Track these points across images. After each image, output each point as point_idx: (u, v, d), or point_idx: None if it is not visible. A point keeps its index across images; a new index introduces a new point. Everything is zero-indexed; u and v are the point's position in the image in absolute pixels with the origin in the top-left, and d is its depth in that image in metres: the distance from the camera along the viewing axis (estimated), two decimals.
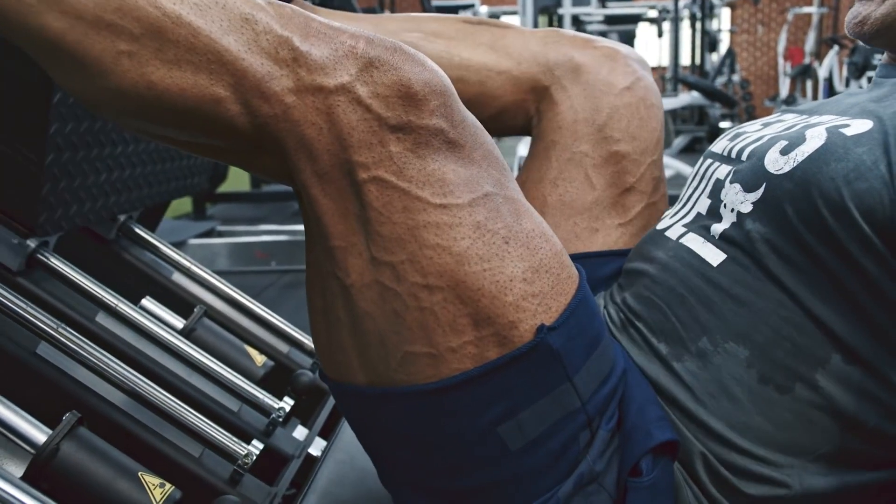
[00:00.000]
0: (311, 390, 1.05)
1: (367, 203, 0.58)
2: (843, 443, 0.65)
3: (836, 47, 7.98)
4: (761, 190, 0.68)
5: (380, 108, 0.57)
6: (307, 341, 1.21)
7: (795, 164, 0.66)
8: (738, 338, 0.67)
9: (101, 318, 0.96)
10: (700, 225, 0.76)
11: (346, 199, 0.58)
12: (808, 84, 11.06)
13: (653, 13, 7.20)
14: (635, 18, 6.23)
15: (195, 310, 1.06)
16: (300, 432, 1.01)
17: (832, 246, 0.63)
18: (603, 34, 5.91)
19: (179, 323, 1.05)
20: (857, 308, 0.64)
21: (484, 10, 8.06)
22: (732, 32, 11.60)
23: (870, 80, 4.27)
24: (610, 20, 5.98)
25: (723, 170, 0.78)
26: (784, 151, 0.69)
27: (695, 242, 0.75)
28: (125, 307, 0.98)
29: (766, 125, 0.83)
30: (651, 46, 9.94)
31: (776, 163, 0.69)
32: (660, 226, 0.84)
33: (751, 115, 9.18)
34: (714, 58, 8.70)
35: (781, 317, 0.66)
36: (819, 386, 0.65)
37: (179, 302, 1.14)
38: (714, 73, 8.36)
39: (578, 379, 0.63)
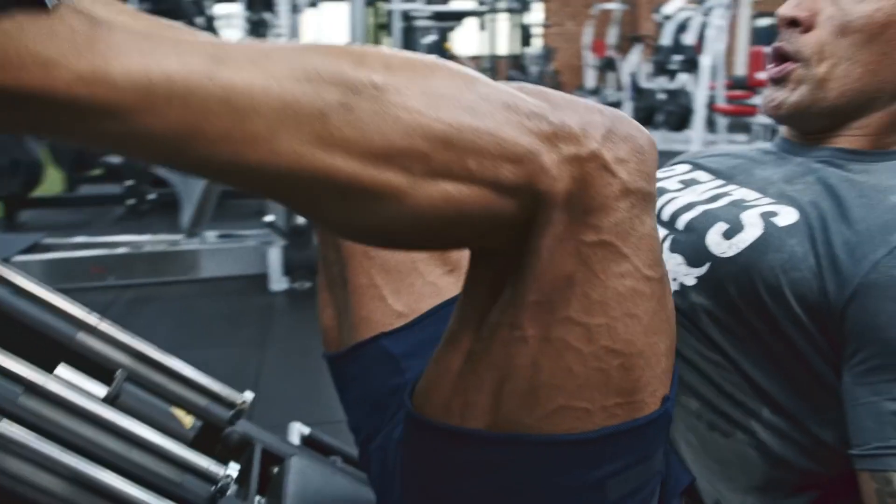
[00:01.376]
0: (243, 447, 1.04)
1: (587, 264, 0.58)
2: (773, 476, 0.77)
3: (639, 45, 8.61)
4: (706, 268, 0.79)
5: (622, 172, 0.58)
6: (219, 389, 1.18)
7: (739, 251, 0.77)
8: (690, 393, 0.78)
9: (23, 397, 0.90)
10: None
11: (567, 260, 0.59)
12: (611, 76, 11.87)
13: (473, 6, 7.42)
14: (462, 15, 6.39)
15: (117, 374, 1.01)
16: (245, 496, 1.00)
17: (768, 322, 0.75)
18: (428, 30, 6.03)
19: (101, 389, 1.00)
20: (786, 372, 0.76)
21: None
22: (546, 27, 12.17)
23: (671, 74, 4.67)
24: (439, 16, 6.10)
25: None
26: (727, 235, 0.79)
27: None
28: (41, 378, 0.92)
29: (684, 184, 0.94)
30: (471, 39, 10.25)
31: (720, 246, 0.79)
32: None
33: None
34: (530, 51, 9.11)
35: (722, 376, 0.78)
36: (754, 432, 0.77)
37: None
38: (532, 64, 8.78)
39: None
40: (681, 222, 0.86)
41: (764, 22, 13.67)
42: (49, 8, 0.47)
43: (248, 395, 1.16)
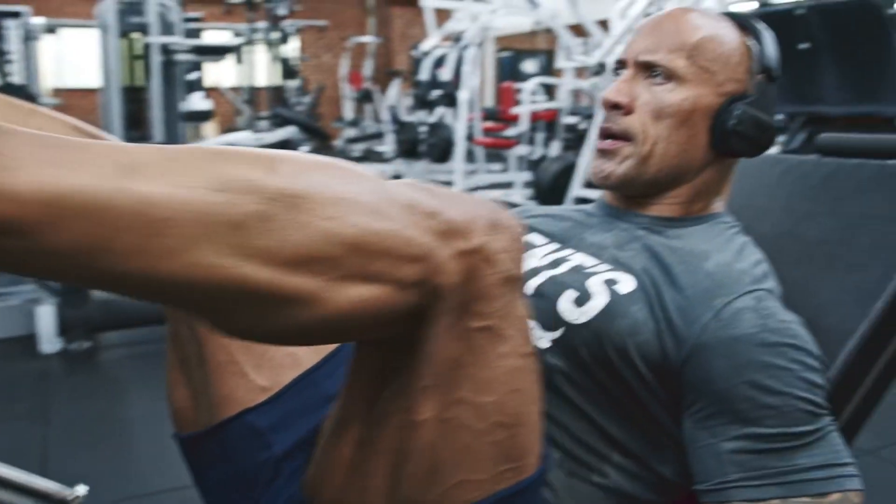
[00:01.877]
0: None
1: (473, 349, 0.62)
2: None
3: (399, 79, 8.90)
4: (560, 332, 0.87)
5: (504, 262, 0.61)
6: (45, 486, 1.06)
7: (590, 318, 0.86)
8: (551, 445, 0.84)
9: None
10: None
11: (453, 346, 0.62)
12: (369, 108, 12.16)
13: (231, 39, 7.26)
14: (224, 49, 6.22)
15: None
16: None
17: (616, 378, 0.84)
18: (188, 64, 5.80)
19: None
20: (631, 420, 0.85)
21: (42, 20, 7.29)
22: (304, 61, 12.19)
23: (430, 108, 4.97)
24: (199, 50, 5.87)
25: None
26: (578, 303, 0.87)
27: None
28: None
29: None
30: (230, 71, 9.98)
31: (572, 313, 0.87)
32: None
33: (324, 136, 9.72)
34: (292, 84, 9.07)
35: (577, 427, 0.86)
36: (607, 474, 0.86)
37: None
38: (293, 97, 8.74)
39: None
40: (529, 288, 0.92)
41: (505, 54, 14.76)
42: None
43: (81, 490, 1.06)
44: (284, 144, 6.50)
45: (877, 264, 1.00)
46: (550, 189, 5.60)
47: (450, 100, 7.54)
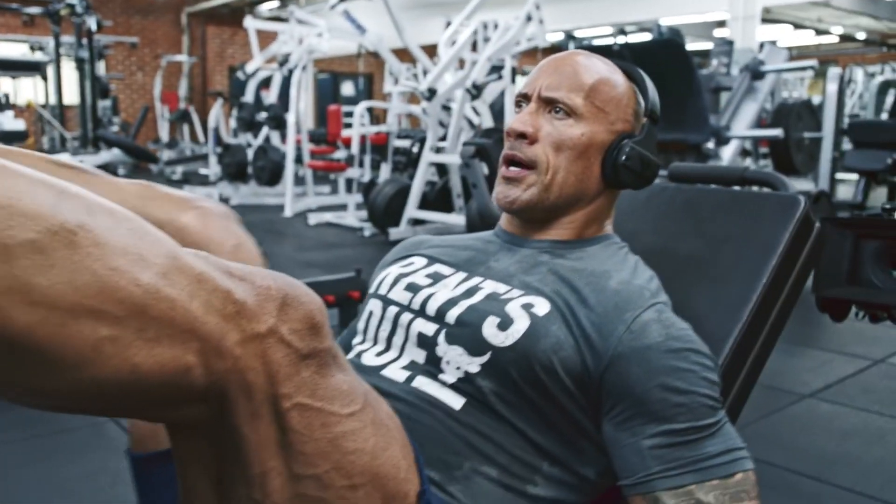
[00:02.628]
0: None
1: (290, 428, 0.61)
2: None
3: (220, 100, 8.68)
4: (487, 356, 0.93)
5: (297, 341, 0.61)
6: None
7: (515, 341, 0.93)
8: (487, 462, 0.92)
9: None
10: (424, 371, 0.95)
11: (270, 429, 0.61)
12: (186, 128, 11.75)
13: (39, 56, 6.80)
14: (34, 65, 5.82)
15: None
16: None
17: (543, 393, 0.93)
18: None
19: None
20: (557, 430, 0.94)
21: None
22: (118, 79, 11.54)
23: (255, 128, 5.03)
24: (3, 66, 5.47)
25: (423, 325, 0.98)
26: (501, 327, 0.94)
27: (430, 387, 0.94)
28: None
29: (433, 279, 1.07)
30: (38, 88, 9.27)
31: (497, 337, 0.94)
32: (365, 360, 1.02)
33: (152, 158, 9.25)
34: (104, 103, 8.58)
35: (511, 443, 0.93)
36: (538, 483, 0.94)
37: None
38: (104, 116, 8.27)
39: None
40: (450, 317, 0.98)
41: (323, 76, 14.77)
42: None
43: None
44: (105, 167, 6.14)
45: (739, 278, 1.17)
46: (385, 211, 5.69)
47: (277, 122, 7.47)
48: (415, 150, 6.27)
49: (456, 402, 0.92)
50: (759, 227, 1.22)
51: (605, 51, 4.09)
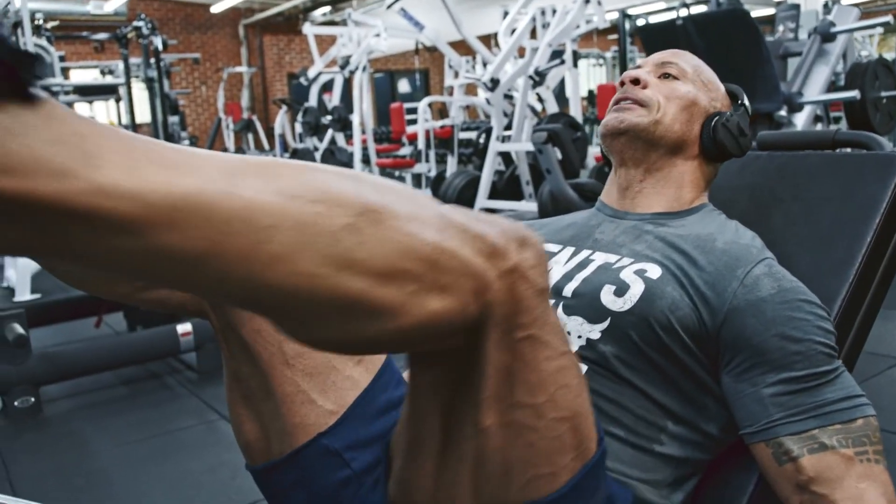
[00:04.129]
0: None
1: (521, 357, 0.67)
2: (679, 472, 1.00)
3: (284, 108, 8.87)
4: (607, 322, 0.98)
5: (535, 277, 0.66)
6: None
7: (633, 304, 0.98)
8: (614, 423, 0.96)
9: None
10: None
11: (505, 357, 0.67)
12: (251, 137, 12.03)
13: (118, 79, 7.06)
14: (108, 89, 6.06)
15: None
16: None
17: (664, 352, 0.97)
18: (70, 104, 5.62)
19: None
20: (679, 389, 0.98)
21: None
22: (185, 94, 11.90)
23: (317, 133, 5.15)
24: (82, 91, 5.72)
25: None
26: (618, 294, 0.99)
27: None
28: None
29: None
30: (111, 110, 9.64)
31: (615, 303, 0.99)
32: None
33: None
34: (173, 119, 8.87)
35: (635, 404, 0.98)
36: (664, 443, 0.98)
37: None
38: (177, 134, 8.55)
39: None
40: (567, 290, 1.04)
41: (379, 75, 14.92)
42: (37, 101, 0.42)
43: None
44: None
45: (842, 239, 1.18)
46: (457, 203, 5.75)
47: (342, 124, 7.60)
48: (481, 140, 6.31)
49: (581, 369, 0.97)
50: (857, 187, 1.23)
51: (668, 27, 4.06)
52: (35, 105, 0.42)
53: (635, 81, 1.12)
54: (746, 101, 1.20)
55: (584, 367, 0.97)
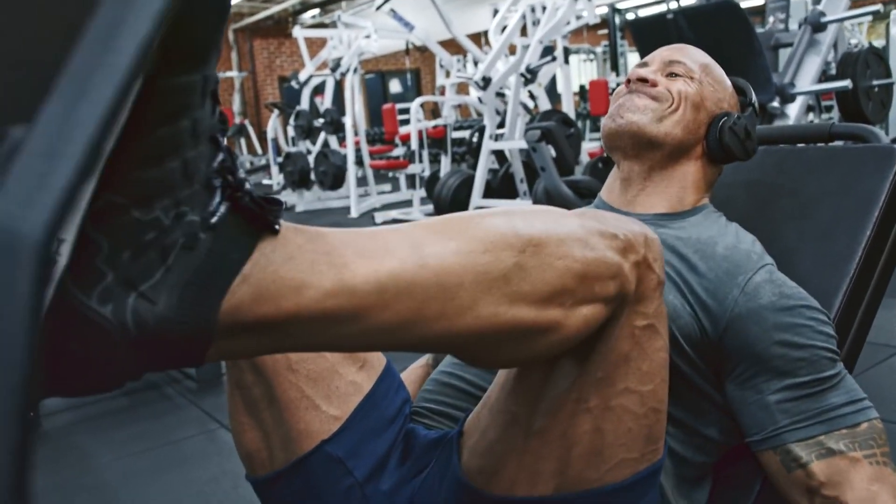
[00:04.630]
0: None
1: (638, 343, 0.72)
2: (681, 473, 0.99)
3: (276, 111, 8.84)
4: None
5: (658, 269, 0.71)
6: None
7: None
8: None
9: None
10: None
11: (625, 343, 0.71)
12: (243, 141, 12.01)
13: None
14: None
15: None
16: None
17: None
18: None
19: None
20: (679, 396, 0.97)
21: None
22: None
23: (310, 137, 5.15)
24: None
25: None
26: None
27: None
28: None
29: None
30: None
31: None
32: None
33: None
34: None
35: None
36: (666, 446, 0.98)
37: None
38: None
39: None
40: None
41: (369, 76, 14.90)
42: (278, 230, 0.50)
43: None
44: None
45: (842, 232, 1.18)
46: (451, 203, 5.75)
47: (335, 126, 7.59)
48: (474, 139, 6.30)
49: None
50: (856, 180, 1.22)
51: (658, 21, 4.05)
52: (272, 233, 0.50)
53: (643, 81, 1.10)
54: (755, 99, 1.18)
55: None
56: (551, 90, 7.74)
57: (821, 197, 1.24)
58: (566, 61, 5.52)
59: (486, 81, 5.48)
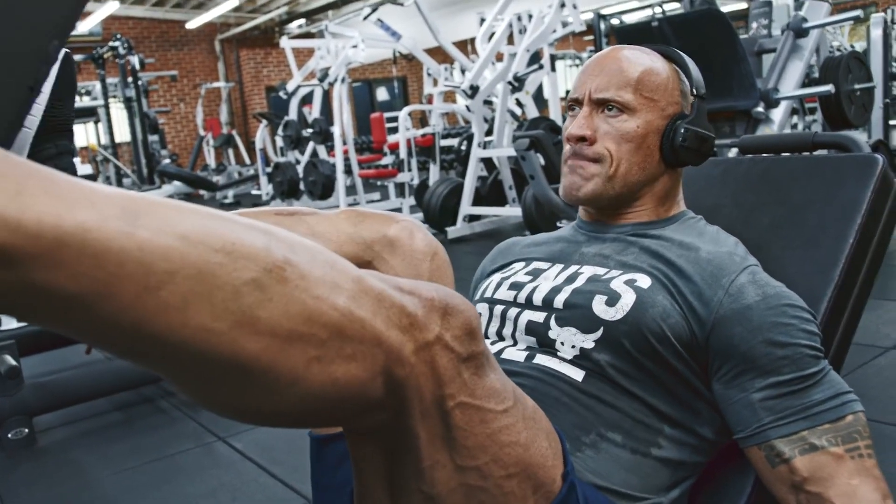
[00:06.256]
0: None
1: (454, 425, 0.68)
2: (677, 474, 1.01)
3: (264, 122, 8.85)
4: (600, 332, 0.99)
5: (458, 347, 0.67)
6: None
7: (626, 313, 0.99)
8: (612, 428, 0.98)
9: None
10: (543, 352, 1.02)
11: (437, 427, 0.68)
12: (231, 151, 11.99)
13: (87, 101, 7.05)
14: (91, 111, 6.04)
15: None
16: None
17: (657, 360, 0.99)
18: None
19: None
20: (672, 394, 1.00)
21: None
22: (166, 112, 11.85)
23: (299, 146, 5.17)
24: None
25: (532, 315, 1.06)
26: (609, 304, 1.00)
27: (551, 362, 1.00)
28: None
29: (533, 275, 1.13)
30: (89, 131, 9.58)
31: (607, 312, 1.00)
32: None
33: (213, 187, 9.45)
34: (153, 137, 8.84)
35: (633, 409, 0.99)
36: (662, 446, 1.00)
37: None
38: (157, 152, 8.53)
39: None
40: (558, 302, 1.04)
41: (356, 84, 14.92)
42: None
43: None
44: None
45: (826, 240, 1.21)
46: (441, 211, 5.77)
47: (323, 136, 7.60)
48: (462, 147, 6.33)
49: (577, 374, 0.99)
50: (839, 189, 1.26)
51: (643, 28, 4.10)
52: None
53: (581, 139, 1.10)
54: (696, 80, 1.14)
55: (581, 373, 0.99)
56: (538, 96, 7.79)
57: (805, 205, 1.28)
58: (553, 69, 5.56)
59: (474, 90, 5.52)
